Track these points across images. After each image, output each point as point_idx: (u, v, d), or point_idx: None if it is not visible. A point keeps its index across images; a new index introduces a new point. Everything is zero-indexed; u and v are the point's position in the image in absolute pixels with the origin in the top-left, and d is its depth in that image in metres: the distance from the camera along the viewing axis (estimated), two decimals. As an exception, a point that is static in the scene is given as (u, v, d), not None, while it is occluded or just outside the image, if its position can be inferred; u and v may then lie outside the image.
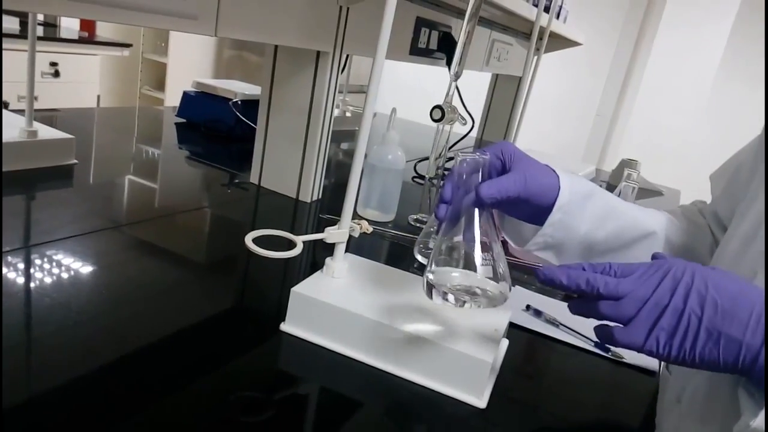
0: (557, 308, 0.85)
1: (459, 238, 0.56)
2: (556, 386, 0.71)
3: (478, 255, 0.54)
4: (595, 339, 0.75)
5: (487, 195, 0.55)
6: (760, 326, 0.41)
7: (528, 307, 0.82)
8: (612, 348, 0.75)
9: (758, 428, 0.41)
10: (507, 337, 0.72)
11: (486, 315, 0.67)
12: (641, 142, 3.47)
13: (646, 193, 1.79)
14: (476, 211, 0.56)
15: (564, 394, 0.69)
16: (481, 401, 0.60)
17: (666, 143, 3.38)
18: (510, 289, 0.56)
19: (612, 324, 0.46)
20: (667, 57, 3.40)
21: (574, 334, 0.78)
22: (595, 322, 0.49)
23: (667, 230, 0.67)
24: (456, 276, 0.55)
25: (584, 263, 0.49)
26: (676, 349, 0.43)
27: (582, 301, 0.48)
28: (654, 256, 0.49)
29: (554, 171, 0.61)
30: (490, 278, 0.54)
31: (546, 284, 0.49)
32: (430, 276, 0.56)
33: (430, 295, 0.56)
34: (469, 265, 0.54)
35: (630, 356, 0.75)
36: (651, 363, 0.75)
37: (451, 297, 0.55)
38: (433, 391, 0.60)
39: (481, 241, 0.55)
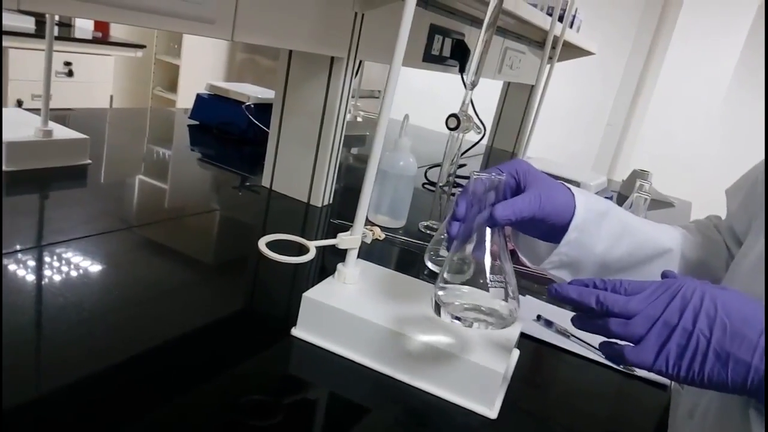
0: (568, 319, 0.84)
1: (470, 255, 0.55)
2: (566, 398, 0.70)
3: (488, 276, 0.54)
4: (607, 351, 0.75)
5: (502, 216, 0.54)
6: (760, 356, 0.41)
7: (539, 317, 0.82)
8: (623, 360, 0.75)
9: None
10: (518, 347, 0.72)
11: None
12: (652, 153, 3.46)
13: (658, 204, 1.78)
14: (488, 230, 0.55)
15: (575, 406, 0.69)
16: (491, 411, 0.59)
17: (677, 154, 3.37)
18: (518, 309, 0.55)
19: (621, 342, 0.46)
20: (680, 67, 3.39)
21: (585, 345, 0.77)
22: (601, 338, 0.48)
23: (682, 246, 0.66)
24: (465, 295, 0.55)
25: (595, 279, 0.49)
26: (685, 369, 0.43)
27: (591, 319, 0.48)
28: (664, 275, 0.49)
29: (569, 189, 0.60)
30: (500, 299, 0.54)
31: (557, 299, 0.49)
32: (440, 293, 0.56)
33: (438, 312, 0.56)
34: (480, 285, 0.54)
35: (642, 370, 0.74)
36: (661, 377, 0.74)
37: (459, 317, 0.54)
38: (444, 400, 0.60)
39: (492, 262, 0.54)
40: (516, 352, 0.71)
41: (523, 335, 0.75)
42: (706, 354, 0.42)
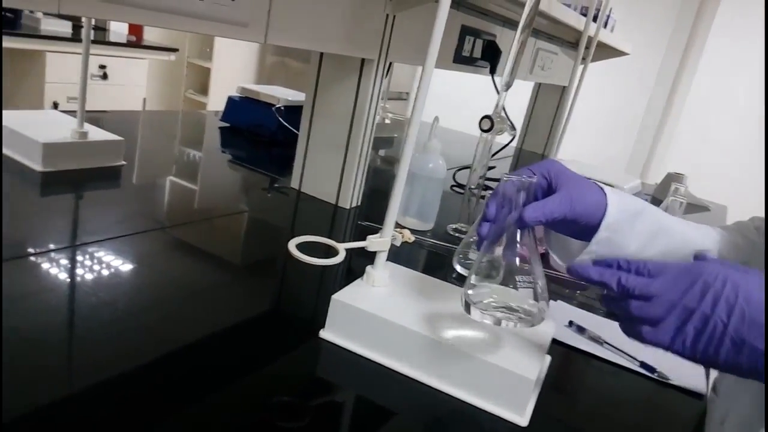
0: (601, 325, 0.82)
1: (500, 256, 0.55)
2: (599, 406, 0.69)
3: (518, 276, 0.55)
4: (641, 359, 0.74)
5: (532, 218, 0.55)
6: None
7: (571, 323, 0.80)
8: (657, 369, 0.73)
9: None
10: (549, 354, 0.70)
11: (529, 330, 0.65)
12: (686, 156, 3.38)
13: (693, 208, 1.73)
14: (519, 231, 0.56)
15: (608, 414, 0.67)
16: (522, 419, 0.58)
17: (712, 157, 3.28)
18: (547, 309, 0.56)
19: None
20: (717, 68, 3.30)
21: (618, 352, 0.76)
22: None
23: (720, 247, 0.64)
24: (495, 294, 0.55)
25: (620, 259, 0.50)
26: (701, 352, 0.44)
27: (613, 298, 0.49)
28: (695, 256, 0.50)
29: (602, 189, 0.59)
30: (529, 299, 0.55)
31: (577, 279, 0.50)
32: (470, 292, 0.56)
33: (468, 311, 0.56)
34: (509, 285, 0.55)
35: (676, 378, 0.72)
36: (698, 385, 0.72)
37: (488, 314, 0.55)
38: (473, 406, 0.59)
39: (521, 262, 0.55)
40: (547, 359, 0.69)
41: (554, 341, 0.74)
42: (723, 339, 0.43)
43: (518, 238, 0.55)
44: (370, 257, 0.68)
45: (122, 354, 0.57)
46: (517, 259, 0.55)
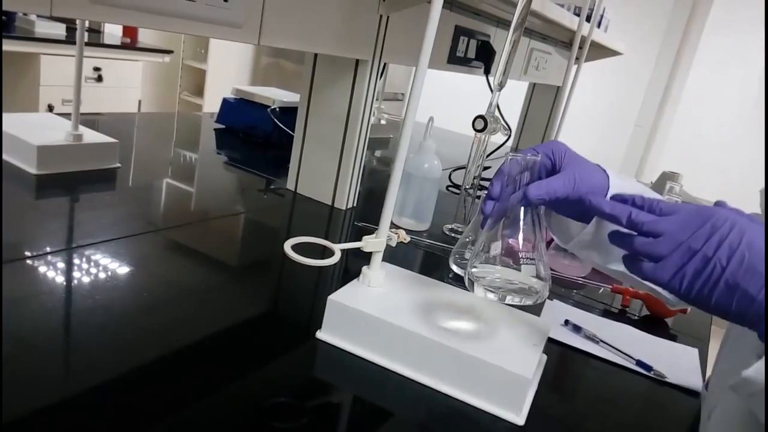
0: (597, 324, 0.83)
1: (504, 233, 0.57)
2: (595, 405, 0.69)
3: (521, 253, 0.56)
4: (637, 357, 0.74)
5: (535, 196, 0.55)
6: None
7: (567, 322, 0.81)
8: (654, 367, 0.73)
9: (750, 378, 0.43)
10: (545, 353, 0.71)
11: (525, 329, 0.66)
12: (681, 154, 3.39)
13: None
14: (523, 209, 0.57)
15: (604, 413, 0.67)
16: (519, 418, 0.58)
17: (707, 155, 3.30)
18: (548, 287, 0.58)
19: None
20: (710, 66, 3.32)
21: (614, 351, 0.76)
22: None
23: None
24: (498, 271, 0.56)
25: (635, 196, 0.51)
26: (696, 291, 0.46)
27: (621, 234, 0.51)
28: (717, 203, 0.50)
29: (605, 171, 0.60)
30: (531, 276, 0.56)
31: (591, 212, 0.51)
32: (473, 270, 0.57)
33: (472, 288, 0.58)
34: (512, 262, 0.56)
35: (672, 376, 0.73)
36: (694, 383, 0.72)
37: (492, 290, 0.57)
38: (470, 405, 0.59)
39: (525, 239, 0.56)
40: (544, 357, 0.69)
41: (550, 340, 0.74)
42: (718, 282, 0.44)
43: (522, 217, 0.56)
44: (366, 258, 0.69)
45: (119, 356, 0.57)
46: (521, 237, 0.56)
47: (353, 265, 0.86)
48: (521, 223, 0.56)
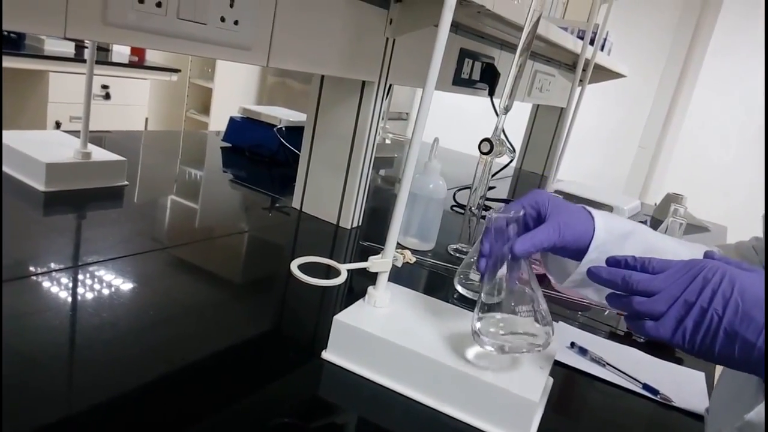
0: (603, 347, 0.82)
1: (500, 287, 0.59)
2: (602, 429, 0.68)
3: (518, 305, 0.58)
4: (643, 380, 0.73)
5: (521, 250, 0.58)
6: None
7: (572, 344, 0.80)
8: (660, 391, 0.73)
9: (752, 421, 0.44)
10: (551, 375, 0.70)
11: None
12: (685, 176, 3.40)
13: (692, 228, 1.74)
14: (514, 262, 0.59)
15: (610, 437, 0.67)
16: (525, 441, 0.58)
17: (711, 177, 3.30)
18: (552, 332, 0.58)
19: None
20: (714, 88, 3.33)
21: (620, 374, 0.75)
22: None
23: None
24: (501, 323, 0.58)
25: (628, 257, 0.53)
26: (698, 344, 0.47)
27: (618, 296, 0.52)
28: (705, 255, 0.52)
29: (590, 213, 0.61)
30: (533, 324, 0.58)
31: (594, 281, 0.53)
32: (478, 325, 0.59)
33: (478, 341, 0.59)
34: (512, 312, 0.58)
35: (679, 400, 0.72)
36: (700, 407, 0.72)
37: (497, 344, 0.58)
38: (476, 428, 0.59)
39: (519, 292, 0.59)
40: (550, 380, 0.69)
41: (556, 363, 0.73)
42: (717, 332, 0.45)
43: (514, 269, 0.59)
44: (370, 277, 0.69)
45: (124, 374, 0.57)
46: (516, 289, 0.59)
47: (358, 284, 0.86)
48: (514, 274, 0.59)
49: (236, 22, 0.71)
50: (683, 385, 0.77)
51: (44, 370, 0.55)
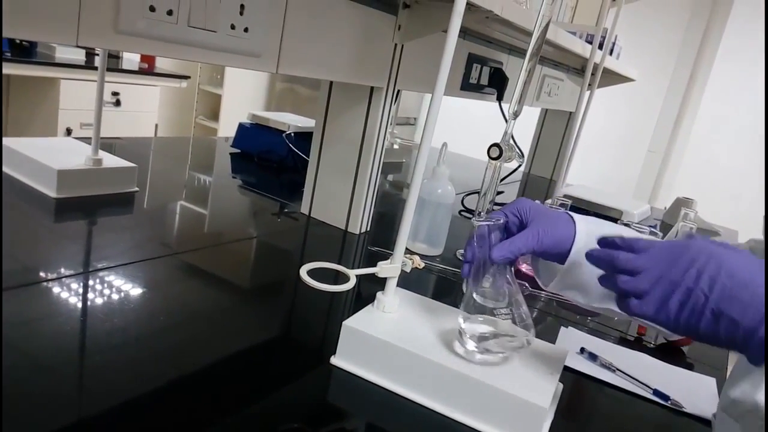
0: (613, 352, 0.82)
1: (485, 290, 0.62)
2: (612, 435, 0.68)
3: (498, 308, 0.62)
4: (653, 386, 0.73)
5: (499, 257, 0.60)
6: (758, 311, 0.44)
7: (582, 350, 0.80)
8: (671, 397, 0.72)
9: (737, 399, 0.45)
10: (560, 381, 0.70)
11: (541, 357, 0.65)
12: (695, 180, 3.38)
13: (703, 233, 1.72)
14: (497, 267, 0.62)
15: (621, 443, 0.66)
16: (535, 447, 0.58)
17: (721, 181, 3.28)
18: (533, 335, 0.62)
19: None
20: (723, 91, 3.31)
21: (631, 380, 0.75)
22: None
23: None
24: (483, 324, 0.62)
25: (617, 238, 0.53)
26: (683, 323, 0.47)
27: (607, 276, 0.53)
28: (686, 235, 0.54)
29: (572, 218, 0.62)
30: (513, 326, 0.61)
31: (589, 262, 0.55)
32: (462, 325, 0.62)
33: (462, 342, 0.62)
34: (494, 315, 0.62)
35: (690, 406, 0.71)
36: (710, 413, 0.71)
37: (480, 345, 0.61)
38: (485, 434, 0.59)
39: (499, 295, 0.62)
40: (560, 386, 0.69)
41: (566, 368, 0.73)
42: (703, 311, 0.46)
43: (497, 274, 0.62)
44: (378, 282, 0.69)
45: (134, 379, 0.57)
46: (497, 293, 0.62)
47: (366, 289, 0.86)
48: (496, 280, 0.62)
49: (246, 30, 0.72)
50: (694, 390, 0.77)
51: (56, 375, 0.56)
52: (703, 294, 0.46)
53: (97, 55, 2.67)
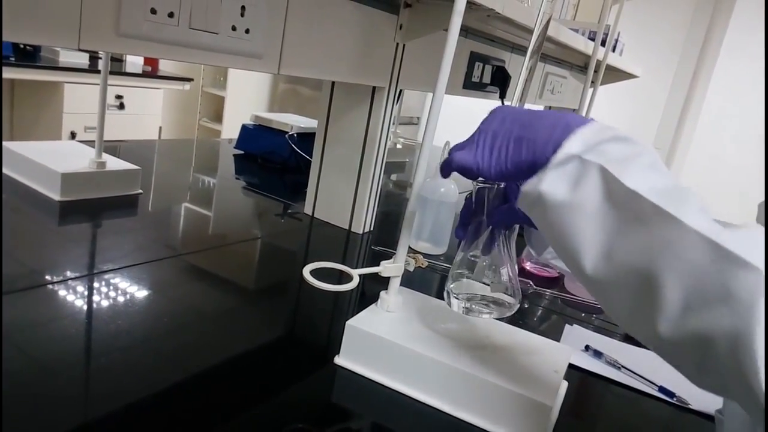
0: (618, 349, 0.82)
1: (476, 254, 0.63)
2: (617, 432, 0.68)
3: (488, 272, 0.63)
4: (660, 383, 0.73)
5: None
6: (551, 131, 0.48)
7: (587, 347, 0.80)
8: (677, 393, 0.72)
9: (525, 191, 0.48)
10: (565, 378, 0.70)
11: (545, 355, 0.65)
12: (700, 176, 3.36)
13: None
14: (492, 233, 0.63)
15: (626, 441, 0.66)
16: (540, 446, 0.58)
17: (726, 177, 3.26)
18: (518, 302, 0.63)
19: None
20: (728, 88, 3.30)
21: (636, 377, 0.75)
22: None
23: None
24: (471, 287, 0.63)
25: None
26: (495, 160, 0.51)
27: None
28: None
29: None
30: (500, 292, 0.62)
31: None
32: (451, 285, 0.64)
33: (448, 302, 0.64)
34: (482, 279, 0.63)
35: (696, 403, 0.71)
36: (714, 409, 0.71)
37: (464, 306, 0.63)
38: (490, 432, 0.59)
39: (492, 260, 0.62)
40: (564, 384, 0.69)
41: (570, 366, 0.73)
42: (509, 144, 0.50)
43: (489, 239, 0.63)
44: (382, 281, 0.69)
45: (140, 381, 0.58)
46: (491, 258, 0.62)
47: (369, 289, 0.86)
48: (490, 244, 0.63)
49: (247, 31, 0.72)
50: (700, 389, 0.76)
51: (62, 377, 0.56)
52: (507, 131, 0.51)
53: (101, 58, 2.68)
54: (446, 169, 0.57)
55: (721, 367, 0.38)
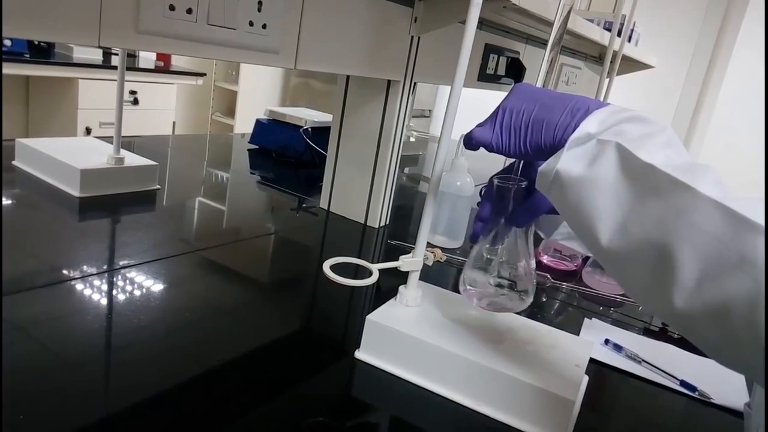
0: (638, 343, 0.81)
1: (493, 249, 0.63)
2: (638, 426, 0.67)
3: (504, 267, 0.62)
4: (681, 377, 0.72)
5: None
6: (571, 116, 0.49)
7: (607, 341, 0.79)
8: (698, 387, 0.71)
9: (543, 171, 0.48)
10: (585, 373, 0.69)
11: (566, 349, 0.65)
12: (716, 167, 3.32)
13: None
14: (509, 231, 0.62)
15: (648, 435, 0.66)
16: (562, 440, 0.57)
17: (741, 168, 3.22)
18: (531, 298, 0.63)
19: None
20: (744, 78, 3.25)
21: (657, 371, 0.74)
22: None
23: None
24: (485, 281, 0.63)
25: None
26: (513, 139, 0.52)
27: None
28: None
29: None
30: (513, 289, 0.62)
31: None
32: (467, 280, 0.65)
33: (467, 297, 0.65)
34: (498, 274, 0.63)
35: (718, 397, 0.71)
36: (739, 403, 0.70)
37: (477, 299, 0.64)
38: (512, 427, 0.59)
39: (509, 257, 0.62)
40: (585, 378, 0.68)
41: (591, 360, 0.72)
42: (529, 124, 0.51)
43: (507, 236, 0.62)
44: (398, 276, 0.69)
45: (161, 375, 0.58)
46: (505, 255, 0.62)
47: (386, 283, 0.86)
48: (507, 242, 0.62)
49: (264, 26, 0.72)
50: (722, 381, 0.75)
51: (85, 371, 0.56)
52: (526, 112, 0.51)
53: (115, 54, 2.70)
54: (468, 143, 0.57)
55: (739, 338, 0.38)
